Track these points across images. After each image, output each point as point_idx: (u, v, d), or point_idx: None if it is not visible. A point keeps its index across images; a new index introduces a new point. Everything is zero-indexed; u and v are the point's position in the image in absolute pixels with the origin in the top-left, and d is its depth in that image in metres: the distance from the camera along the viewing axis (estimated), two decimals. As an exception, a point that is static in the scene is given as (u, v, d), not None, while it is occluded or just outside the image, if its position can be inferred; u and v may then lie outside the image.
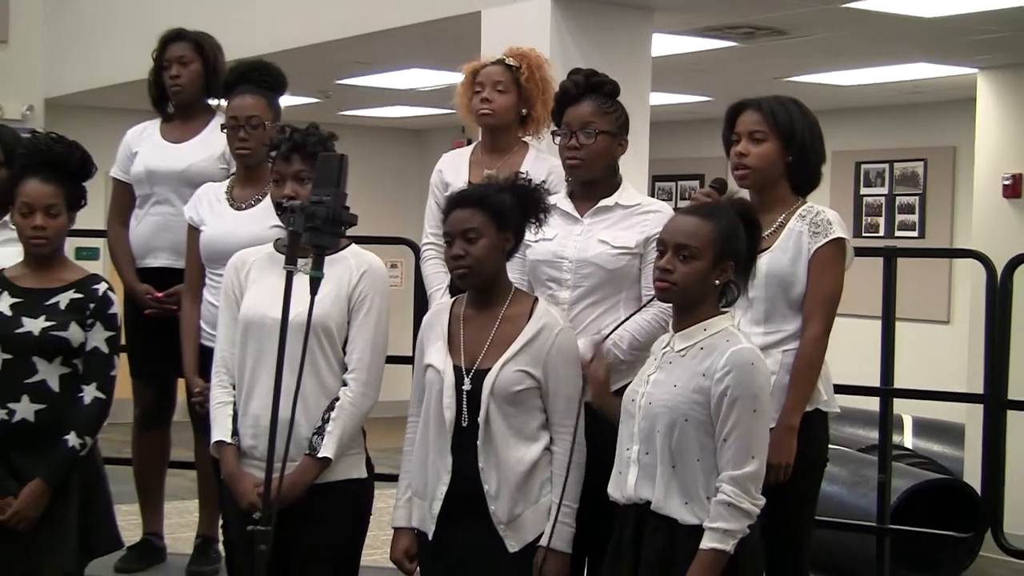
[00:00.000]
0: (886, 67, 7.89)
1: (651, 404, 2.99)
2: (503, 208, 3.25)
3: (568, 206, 3.62)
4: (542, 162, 4.13)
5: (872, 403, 5.46)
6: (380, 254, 3.58)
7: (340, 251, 3.41)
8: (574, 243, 3.57)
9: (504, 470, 3.20)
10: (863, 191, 9.88)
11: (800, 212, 3.45)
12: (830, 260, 3.39)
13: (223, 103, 4.35)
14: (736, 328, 3.10)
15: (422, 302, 4.34)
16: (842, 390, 3.67)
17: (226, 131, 4.17)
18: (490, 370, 3.22)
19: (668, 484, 2.96)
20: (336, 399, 3.39)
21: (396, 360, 4.09)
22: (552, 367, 3.24)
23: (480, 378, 3.22)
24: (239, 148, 4.14)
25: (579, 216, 3.61)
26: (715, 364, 2.93)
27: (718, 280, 3.01)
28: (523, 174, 3.41)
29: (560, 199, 3.61)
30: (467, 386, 3.23)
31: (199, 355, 4.09)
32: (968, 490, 6.78)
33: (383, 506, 3.59)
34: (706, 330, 3.01)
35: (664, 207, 3.62)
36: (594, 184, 3.61)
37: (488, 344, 3.26)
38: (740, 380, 2.91)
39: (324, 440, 3.35)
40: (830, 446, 3.54)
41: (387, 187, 12.36)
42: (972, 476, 6.80)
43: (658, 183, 11.10)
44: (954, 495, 6.88)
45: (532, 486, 3.23)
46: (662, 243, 3.04)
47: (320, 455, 3.34)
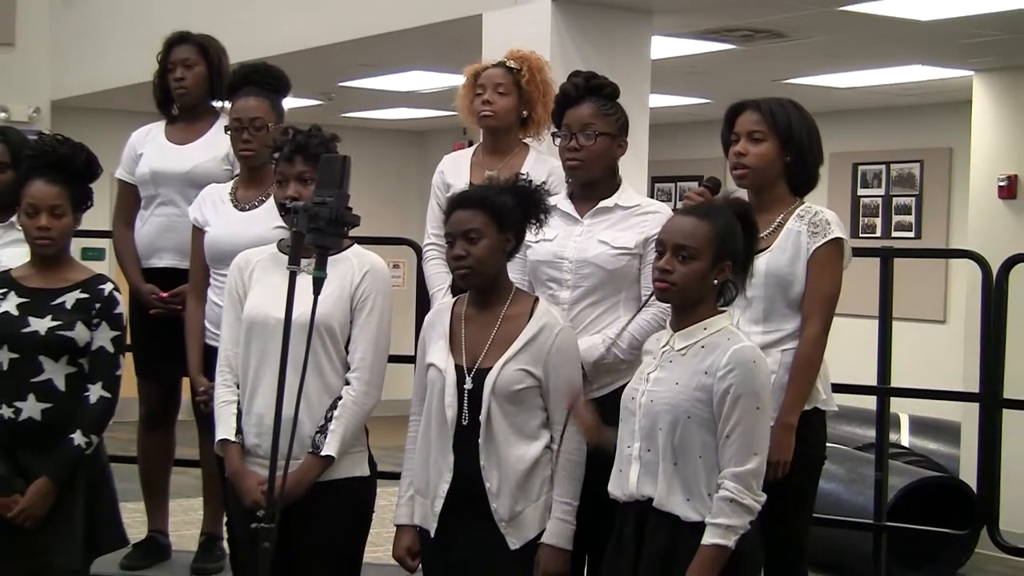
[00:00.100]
0: (883, 69, 7.87)
1: (652, 402, 3.00)
2: (504, 209, 3.26)
3: (568, 207, 3.64)
4: (543, 163, 4.13)
5: (869, 402, 5.48)
6: (382, 254, 3.58)
7: (343, 251, 3.42)
8: (574, 244, 3.58)
9: (505, 468, 3.21)
10: (860, 192, 9.86)
11: (799, 212, 3.45)
12: (829, 260, 3.40)
13: (227, 105, 4.36)
14: (735, 327, 3.12)
15: (424, 302, 4.36)
16: (839, 389, 3.66)
17: (230, 133, 4.17)
18: (491, 369, 3.23)
19: (670, 481, 2.96)
20: (339, 398, 3.39)
21: (398, 359, 4.10)
22: (553, 366, 3.25)
23: (481, 377, 3.23)
24: (243, 150, 4.15)
25: (579, 217, 3.62)
26: (717, 362, 2.94)
27: (716, 280, 3.02)
28: (524, 175, 3.43)
29: (560, 200, 3.62)
30: (468, 385, 3.24)
31: (203, 354, 4.09)
32: (964, 488, 6.79)
33: (385, 504, 3.61)
34: (706, 329, 3.02)
35: (663, 208, 3.62)
36: (594, 185, 3.63)
37: (489, 343, 3.27)
38: (743, 378, 2.92)
39: (327, 438, 3.35)
40: (828, 444, 3.55)
41: (389, 188, 12.35)
42: (968, 474, 6.77)
43: (657, 184, 11.08)
44: (950, 493, 6.89)
45: (533, 484, 3.24)
46: (661, 244, 3.05)
47: (323, 453, 3.35)
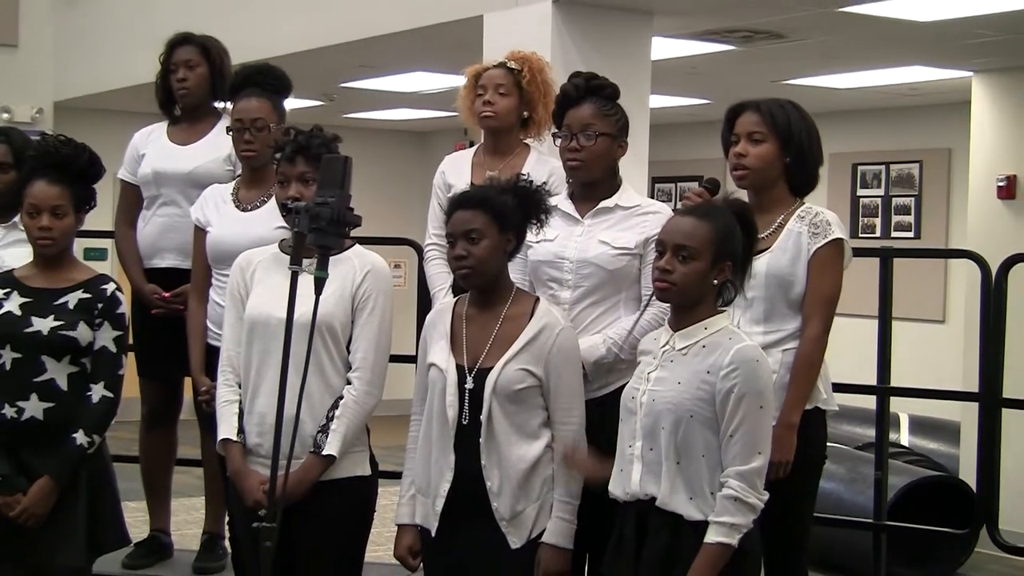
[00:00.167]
0: (882, 70, 7.87)
1: (654, 401, 3.00)
2: (505, 209, 3.26)
3: (569, 207, 3.64)
4: (543, 164, 4.14)
5: (869, 401, 5.48)
6: (384, 254, 3.59)
7: (344, 251, 3.42)
8: (575, 244, 3.59)
9: (506, 467, 3.22)
10: (860, 192, 9.86)
11: (799, 213, 3.46)
12: (829, 260, 3.41)
13: (229, 106, 4.36)
14: (735, 327, 3.13)
15: (425, 302, 4.37)
16: (840, 388, 3.66)
17: (232, 133, 4.18)
18: (492, 369, 3.23)
19: (673, 480, 2.96)
20: (340, 397, 3.40)
21: (399, 359, 4.10)
22: (553, 366, 3.26)
23: (482, 377, 3.24)
24: (244, 150, 4.15)
25: (580, 217, 3.63)
26: (720, 361, 2.94)
27: (716, 280, 3.03)
28: (524, 176, 3.43)
29: (561, 200, 3.63)
30: (469, 385, 3.24)
31: (206, 354, 4.11)
32: (964, 487, 6.79)
33: (387, 503, 3.61)
34: (707, 328, 3.02)
35: (663, 208, 3.63)
36: (594, 185, 3.63)
37: (490, 343, 3.27)
38: (747, 377, 2.93)
39: (328, 438, 3.36)
40: (828, 444, 3.55)
41: (390, 188, 12.35)
42: (967, 473, 6.78)
43: (658, 185, 11.09)
44: (950, 492, 6.89)
45: (534, 483, 3.25)
46: (661, 244, 3.05)
47: (324, 453, 3.35)
